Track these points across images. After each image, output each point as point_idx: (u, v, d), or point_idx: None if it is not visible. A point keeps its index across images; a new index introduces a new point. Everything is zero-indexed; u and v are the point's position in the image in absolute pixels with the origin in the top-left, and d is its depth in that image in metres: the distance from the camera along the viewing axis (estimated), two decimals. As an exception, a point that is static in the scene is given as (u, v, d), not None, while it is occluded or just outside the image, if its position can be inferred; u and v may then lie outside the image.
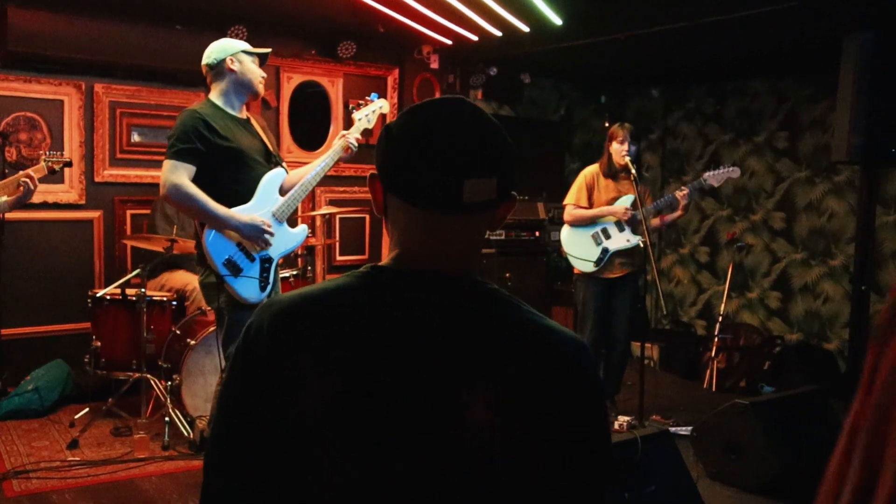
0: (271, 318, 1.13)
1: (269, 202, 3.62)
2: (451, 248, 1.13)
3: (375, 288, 1.14)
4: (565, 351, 1.12)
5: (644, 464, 3.38)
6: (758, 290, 7.18)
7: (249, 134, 3.66)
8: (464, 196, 1.07)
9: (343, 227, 6.53)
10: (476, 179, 1.07)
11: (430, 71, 6.68)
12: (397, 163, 1.11)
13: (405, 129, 1.11)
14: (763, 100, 7.15)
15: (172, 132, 3.48)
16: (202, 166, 3.47)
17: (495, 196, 1.10)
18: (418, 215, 1.11)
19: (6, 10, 4.86)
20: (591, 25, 5.51)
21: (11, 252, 5.03)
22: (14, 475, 3.95)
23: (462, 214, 1.10)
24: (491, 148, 1.10)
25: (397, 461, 1.06)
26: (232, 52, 3.60)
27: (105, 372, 4.70)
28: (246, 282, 3.51)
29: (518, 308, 1.15)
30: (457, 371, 1.07)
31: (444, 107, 1.13)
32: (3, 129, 5.09)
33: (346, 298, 1.13)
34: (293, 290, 1.18)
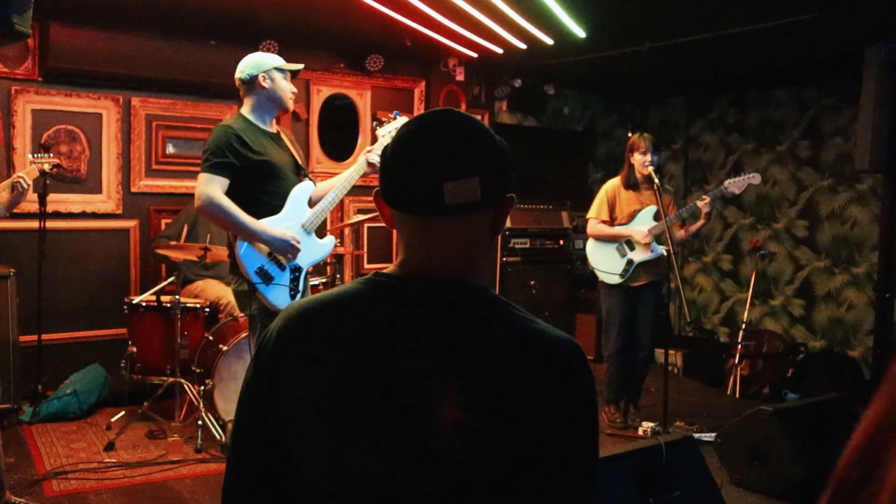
0: (283, 322, 1.20)
1: (299, 214, 3.69)
2: (444, 253, 1.16)
3: (372, 294, 1.18)
4: (553, 353, 1.12)
5: (669, 470, 3.41)
6: (781, 297, 7.19)
7: (280, 147, 3.73)
8: (445, 198, 1.10)
9: (371, 236, 6.63)
10: (456, 181, 1.10)
11: (455, 83, 6.77)
12: (389, 176, 1.17)
13: (395, 144, 1.17)
14: (785, 109, 7.17)
15: (207, 146, 3.57)
16: (235, 179, 3.55)
17: (479, 196, 1.11)
18: (410, 222, 1.16)
19: (48, 27, 5.01)
20: (614, 37, 5.57)
21: (52, 260, 5.14)
22: (54, 476, 4.04)
23: (448, 217, 1.12)
24: (471, 149, 1.13)
25: (377, 461, 1.09)
26: (264, 68, 3.66)
27: (140, 376, 4.79)
28: (277, 289, 3.59)
29: (512, 312, 1.16)
30: (433, 372, 1.08)
31: (429, 117, 1.18)
32: (45, 141, 5.23)
33: (347, 303, 1.18)
34: (312, 296, 1.23)
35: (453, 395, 1.07)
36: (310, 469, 1.13)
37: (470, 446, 1.06)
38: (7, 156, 5.14)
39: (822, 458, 4.02)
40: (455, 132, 1.15)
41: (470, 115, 1.19)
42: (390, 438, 1.08)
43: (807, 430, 4.14)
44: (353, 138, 6.60)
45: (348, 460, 1.10)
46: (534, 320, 1.16)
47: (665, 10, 4.88)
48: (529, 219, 6.89)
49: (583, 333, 6.91)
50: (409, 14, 5.01)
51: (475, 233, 1.17)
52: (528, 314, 1.17)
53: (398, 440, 1.08)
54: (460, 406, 1.06)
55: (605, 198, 5.20)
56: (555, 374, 1.11)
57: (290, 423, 1.14)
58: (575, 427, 1.11)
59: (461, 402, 1.06)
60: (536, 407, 1.08)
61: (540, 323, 1.16)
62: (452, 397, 1.06)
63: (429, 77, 6.75)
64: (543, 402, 1.08)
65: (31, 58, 5.18)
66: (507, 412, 1.07)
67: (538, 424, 1.07)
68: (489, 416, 1.06)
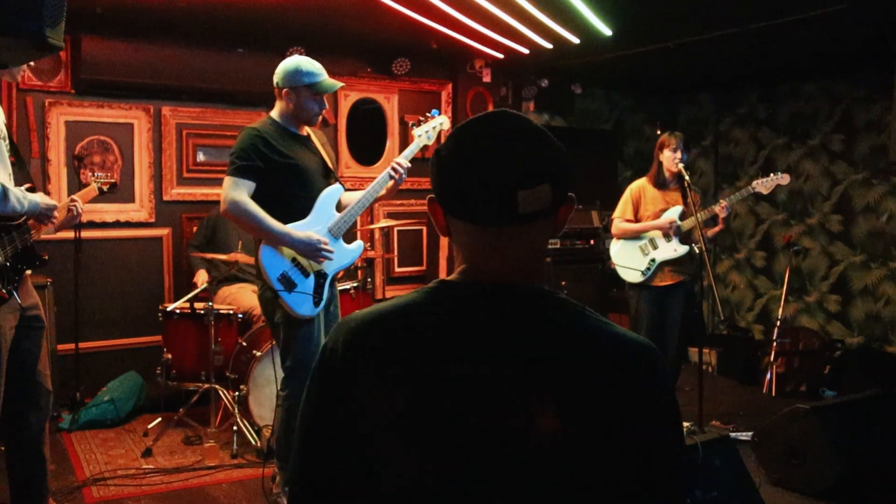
0: (345, 336, 1.17)
1: (326, 218, 3.64)
2: (514, 259, 1.13)
3: (443, 302, 1.15)
4: (637, 357, 1.11)
5: (706, 470, 3.38)
6: (816, 293, 7.09)
7: (309, 150, 3.69)
8: (519, 207, 1.07)
9: (401, 240, 6.64)
10: (529, 189, 1.07)
11: (482, 85, 6.77)
12: (451, 185, 1.13)
13: (454, 151, 1.13)
14: (817, 102, 7.08)
15: (233, 150, 3.52)
16: (262, 182, 3.51)
17: (550, 202, 1.10)
18: (479, 232, 1.13)
19: (80, 40, 5.09)
20: (640, 35, 5.54)
21: (88, 270, 5.23)
22: (93, 482, 4.10)
23: (521, 225, 1.10)
24: (539, 155, 1.11)
25: (466, 474, 1.06)
26: (294, 84, 3.57)
27: (176, 383, 4.83)
28: (299, 297, 3.53)
29: (586, 316, 1.14)
30: (524, 381, 1.07)
31: (487, 123, 1.14)
32: (79, 152, 5.32)
33: (415, 313, 1.15)
34: (367, 308, 1.21)
35: (551, 403, 1.05)
36: (396, 488, 1.10)
37: (569, 454, 1.05)
38: (42, 167, 5.22)
39: (862, 457, 3.97)
40: (520, 137, 1.12)
41: (524, 115, 1.17)
42: (485, 451, 1.06)
43: (846, 427, 4.07)
44: (382, 142, 6.62)
45: (440, 476, 1.07)
46: (608, 323, 1.15)
47: (691, 6, 4.84)
48: (559, 219, 6.86)
49: (615, 333, 6.86)
50: (434, 17, 5.02)
51: (541, 237, 1.16)
52: (600, 316, 1.16)
53: (494, 452, 1.06)
54: (556, 414, 1.05)
55: (630, 197, 5.15)
56: (639, 377, 1.10)
57: (372, 442, 1.11)
58: (664, 427, 1.11)
59: (557, 410, 1.05)
60: (626, 410, 1.07)
61: (613, 325, 1.15)
62: (548, 406, 1.05)
63: (455, 79, 6.76)
64: (631, 406, 1.08)
65: (64, 70, 5.26)
66: (599, 418, 1.06)
67: (628, 428, 1.07)
68: (584, 423, 1.06)
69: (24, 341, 3.17)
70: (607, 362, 1.10)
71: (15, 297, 3.02)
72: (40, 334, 3.28)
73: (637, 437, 1.07)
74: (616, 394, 1.07)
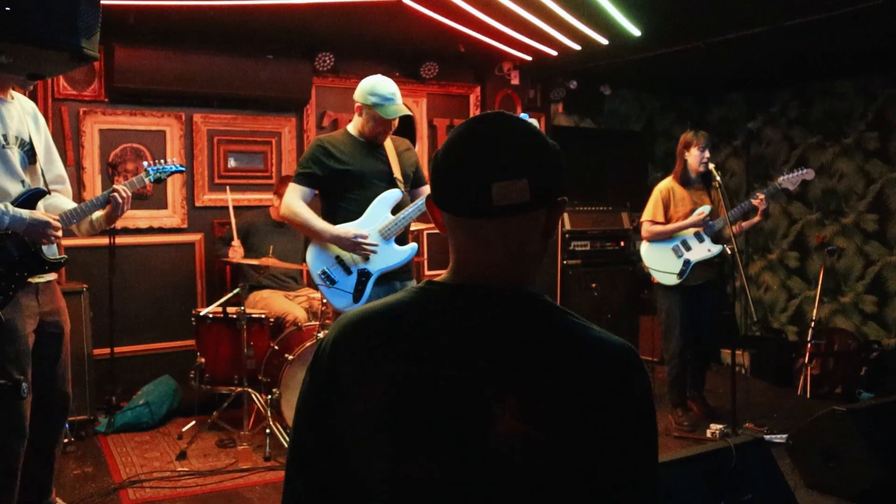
0: (336, 332, 1.20)
1: (378, 220, 3.82)
2: (494, 257, 1.15)
3: (427, 302, 1.18)
4: (614, 360, 1.11)
5: (739, 472, 3.34)
6: (851, 294, 6.98)
7: (375, 158, 3.88)
8: (493, 199, 1.09)
9: (431, 243, 6.66)
10: (505, 182, 1.09)
11: (511, 87, 6.76)
12: (439, 179, 1.17)
13: (445, 148, 1.17)
14: (851, 100, 6.98)
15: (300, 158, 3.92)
16: (325, 189, 3.87)
17: (528, 198, 1.10)
18: (461, 225, 1.16)
19: (113, 49, 5.16)
20: (669, 35, 5.50)
21: (122, 275, 5.29)
22: (129, 484, 4.15)
23: (497, 219, 1.11)
24: (520, 151, 1.12)
25: (435, 470, 1.08)
26: (363, 101, 3.80)
27: (209, 387, 4.87)
28: (338, 293, 3.79)
29: (566, 318, 1.15)
30: (493, 383, 1.08)
31: (478, 120, 1.18)
32: (112, 160, 5.40)
33: (399, 313, 1.18)
34: (361, 307, 1.24)
35: (511, 404, 1.06)
36: (370, 480, 1.13)
37: (528, 456, 1.05)
38: (77, 175, 5.31)
39: (900, 459, 3.90)
40: (504, 134, 1.14)
41: (520, 117, 1.19)
42: (448, 449, 1.08)
43: (884, 430, 4.01)
44: (410, 146, 6.64)
45: (407, 470, 1.10)
46: (589, 326, 1.15)
47: (721, 5, 4.80)
48: (589, 221, 6.83)
49: (646, 335, 6.82)
50: (462, 20, 5.03)
51: (525, 236, 1.16)
52: (583, 320, 1.16)
53: (456, 451, 1.08)
54: (518, 416, 1.06)
55: (660, 198, 5.14)
56: (612, 380, 1.10)
57: (349, 433, 1.15)
58: (634, 433, 1.10)
59: (519, 412, 1.06)
60: (595, 414, 1.07)
61: (595, 329, 1.15)
62: (510, 407, 1.06)
63: (484, 82, 6.76)
64: (602, 409, 1.07)
65: (98, 80, 5.35)
66: (566, 420, 1.06)
67: (597, 431, 1.07)
68: (547, 425, 1.06)
69: (43, 347, 3.25)
70: (581, 364, 1.10)
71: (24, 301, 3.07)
72: (59, 340, 3.36)
73: (609, 441, 1.07)
74: (588, 396, 1.07)
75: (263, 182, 5.98)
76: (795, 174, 5.02)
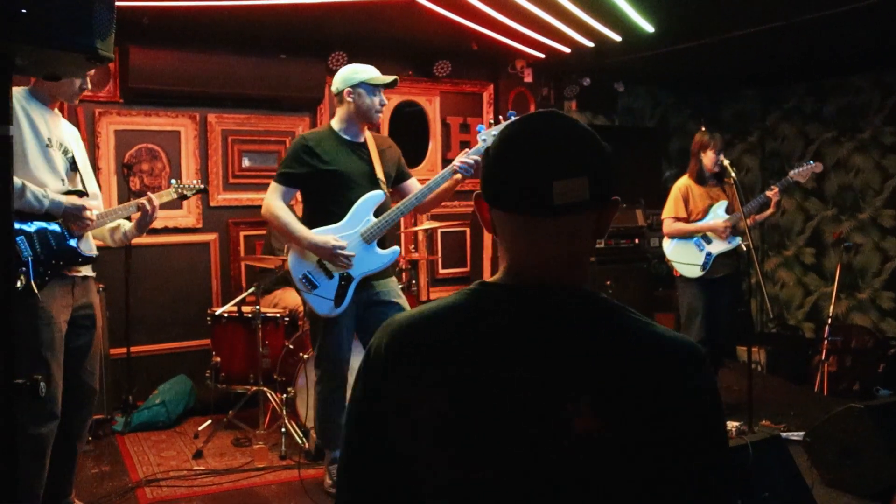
0: (388, 338, 1.18)
1: (360, 223, 3.77)
2: (551, 257, 1.13)
3: (481, 305, 1.16)
4: (679, 357, 1.10)
5: (756, 470, 3.33)
6: (868, 290, 6.93)
7: (358, 157, 3.83)
8: (554, 197, 1.07)
9: (445, 241, 6.66)
10: (565, 180, 1.08)
11: (524, 85, 6.75)
12: (493, 176, 1.15)
13: (499, 145, 1.15)
14: (867, 95, 6.92)
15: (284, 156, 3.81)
16: (306, 188, 3.79)
17: (588, 197, 1.09)
18: (517, 223, 1.13)
19: (128, 50, 5.19)
20: (683, 31, 5.47)
21: (138, 275, 5.33)
22: (146, 483, 4.17)
23: (556, 217, 1.10)
24: (580, 149, 1.11)
25: (505, 477, 1.06)
26: (351, 83, 3.79)
27: (225, 386, 4.90)
28: (318, 299, 3.76)
29: (627, 316, 1.14)
30: (562, 384, 1.07)
31: (534, 118, 1.17)
32: (128, 160, 5.43)
33: (453, 316, 1.16)
34: (411, 310, 1.23)
35: (586, 404, 1.05)
36: (428, 487, 1.11)
37: (602, 456, 1.04)
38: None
39: (919, 457, 3.86)
40: (562, 131, 1.13)
41: (573, 117, 1.18)
42: (519, 452, 1.06)
43: (902, 427, 3.98)
44: (424, 145, 6.64)
45: (472, 476, 1.08)
46: (653, 324, 1.14)
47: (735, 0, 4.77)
48: (603, 218, 6.80)
49: (661, 332, 6.79)
50: (475, 18, 5.03)
51: (581, 236, 1.14)
52: (643, 317, 1.15)
53: (528, 454, 1.05)
54: (593, 415, 1.04)
55: (680, 195, 5.28)
56: (682, 376, 1.09)
57: (406, 441, 1.13)
58: (706, 429, 1.08)
59: (593, 412, 1.04)
60: (666, 412, 1.06)
61: (657, 326, 1.14)
62: (585, 407, 1.05)
63: (497, 80, 6.76)
64: (673, 407, 1.06)
65: (113, 81, 5.38)
66: (636, 420, 1.05)
67: (666, 430, 1.05)
68: (619, 425, 1.05)
69: (74, 339, 3.31)
70: (649, 362, 1.09)
71: (33, 289, 3.11)
72: (91, 333, 3.42)
73: (680, 438, 1.06)
74: (658, 394, 1.06)
75: (277, 182, 5.99)
76: (805, 167, 5.14)
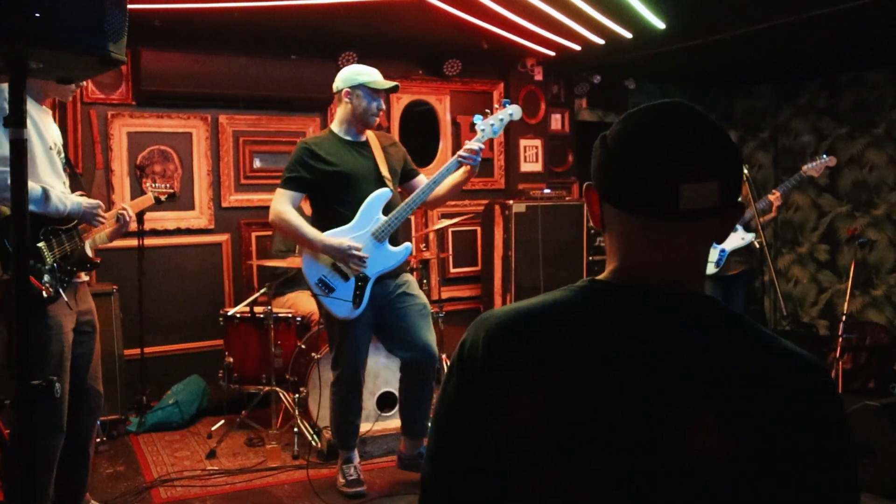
0: (486, 334, 1.10)
1: (370, 222, 3.77)
2: (671, 261, 1.05)
3: (592, 303, 1.08)
4: (804, 374, 1.03)
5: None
6: (883, 287, 6.88)
7: (361, 157, 3.82)
8: (681, 202, 1.00)
9: (455, 240, 6.66)
10: (694, 184, 1.00)
11: (534, 83, 6.74)
12: (612, 170, 1.07)
13: (620, 136, 1.08)
14: (881, 90, 6.88)
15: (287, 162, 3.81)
16: (312, 191, 3.78)
17: (717, 202, 1.01)
18: (634, 224, 1.06)
19: (140, 53, 5.21)
20: (694, 27, 5.45)
21: (151, 276, 5.34)
22: (160, 483, 4.19)
23: (680, 222, 1.03)
24: (711, 150, 1.03)
25: (615, 487, 0.99)
26: (350, 84, 3.78)
27: (237, 386, 4.92)
28: (336, 302, 3.74)
29: (749, 327, 1.06)
30: (683, 394, 0.99)
31: (659, 111, 1.08)
32: (140, 162, 5.45)
33: (561, 314, 1.08)
34: (508, 305, 1.14)
35: (710, 418, 0.97)
36: (537, 496, 1.03)
37: (719, 471, 0.97)
38: (106, 178, 5.37)
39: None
40: (692, 129, 1.04)
41: (702, 110, 1.08)
42: (637, 465, 0.98)
43: (919, 425, 3.95)
44: (435, 144, 6.64)
45: (583, 488, 1.00)
46: (777, 337, 1.06)
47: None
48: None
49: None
50: (485, 17, 5.02)
51: (703, 242, 1.07)
52: (762, 327, 1.07)
53: (646, 467, 0.98)
54: (718, 431, 0.97)
55: None
56: (811, 396, 1.01)
57: (504, 444, 1.05)
58: (834, 450, 1.00)
59: (719, 427, 0.97)
60: (794, 431, 0.98)
61: (784, 341, 1.06)
62: (709, 422, 0.97)
63: (507, 78, 6.75)
64: (803, 427, 0.99)
65: (125, 83, 5.40)
66: (764, 438, 0.97)
67: (796, 449, 0.98)
68: (747, 443, 0.97)
69: (77, 346, 3.33)
70: (776, 379, 1.01)
71: (62, 296, 3.16)
72: (92, 339, 3.45)
73: (806, 462, 0.98)
74: (785, 414, 0.99)
75: (289, 182, 5.99)
76: (818, 162, 5.17)
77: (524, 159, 6.79)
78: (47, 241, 3.16)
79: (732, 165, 1.04)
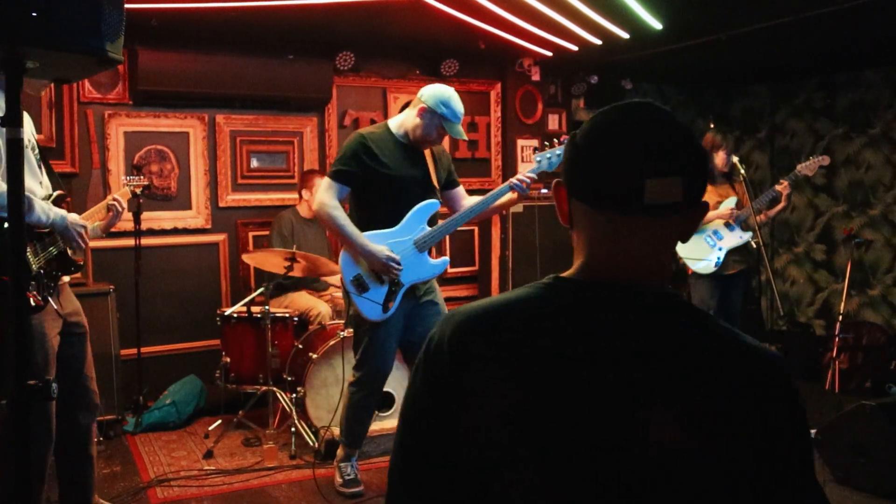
0: (452, 330, 1.11)
1: (414, 231, 3.75)
2: (635, 257, 1.08)
3: (556, 299, 1.10)
4: (763, 368, 1.04)
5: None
6: (880, 286, 6.90)
7: (414, 163, 3.77)
8: (645, 197, 1.02)
9: (453, 241, 6.66)
10: (659, 179, 1.02)
11: (531, 83, 6.74)
12: (579, 166, 1.09)
13: (588, 134, 1.09)
14: (878, 90, 6.89)
15: (338, 151, 3.74)
16: (360, 188, 3.69)
17: (681, 198, 1.04)
18: (600, 220, 1.08)
19: (137, 52, 5.21)
20: (691, 27, 5.45)
21: (147, 276, 5.34)
22: (157, 483, 4.19)
23: (645, 217, 1.05)
24: (676, 148, 1.05)
25: (579, 481, 1.01)
26: (436, 108, 3.64)
27: (234, 386, 4.91)
28: (367, 303, 3.70)
29: (712, 323, 1.08)
30: (645, 388, 1.01)
31: (627, 110, 1.10)
32: (137, 162, 5.44)
33: (526, 310, 1.09)
34: (475, 302, 1.15)
35: (672, 413, 1.00)
36: (502, 489, 1.04)
37: (680, 465, 0.99)
38: (102, 178, 5.37)
39: (932, 454, 3.84)
40: (658, 127, 1.07)
41: (668, 110, 1.11)
42: (600, 459, 1.00)
43: (915, 425, 3.96)
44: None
45: (549, 483, 1.02)
46: (739, 333, 1.08)
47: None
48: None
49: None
50: (482, 17, 5.02)
51: (668, 238, 1.09)
52: (725, 323, 1.10)
53: (609, 461, 1.00)
54: (676, 424, 0.99)
55: None
56: (772, 390, 1.03)
57: (476, 441, 1.06)
58: (788, 448, 1.03)
59: (680, 421, 0.99)
60: (753, 425, 1.01)
61: (746, 337, 1.08)
62: (668, 414, 1.00)
63: (504, 78, 6.75)
64: (763, 420, 1.01)
65: (122, 83, 5.39)
66: (726, 432, 1.00)
67: (750, 444, 1.00)
68: (702, 435, 0.99)
69: (69, 347, 3.30)
70: (737, 373, 1.03)
71: (51, 303, 3.13)
72: (83, 339, 3.41)
73: (766, 455, 1.00)
74: (746, 408, 1.01)
75: (286, 182, 6.00)
76: (812, 161, 5.18)
77: (521, 159, 6.79)
78: (31, 248, 3.10)
79: (697, 165, 1.07)
